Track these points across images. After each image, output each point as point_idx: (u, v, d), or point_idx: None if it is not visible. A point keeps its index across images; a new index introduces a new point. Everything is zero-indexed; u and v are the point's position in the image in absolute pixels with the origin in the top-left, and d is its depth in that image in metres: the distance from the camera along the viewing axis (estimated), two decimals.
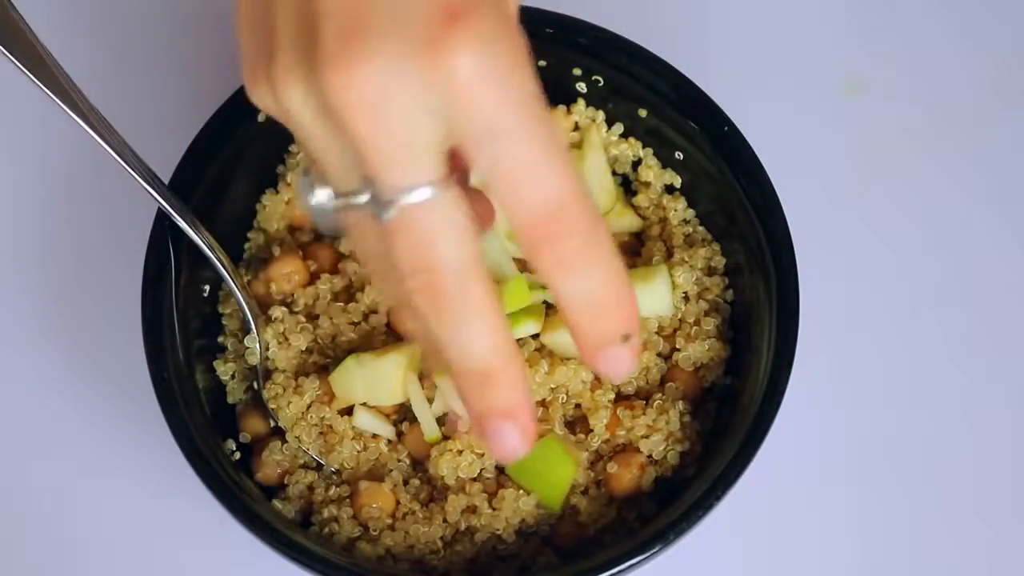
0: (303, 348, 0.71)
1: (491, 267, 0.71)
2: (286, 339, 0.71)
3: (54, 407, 0.77)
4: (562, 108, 0.75)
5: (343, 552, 0.67)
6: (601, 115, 0.76)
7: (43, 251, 0.80)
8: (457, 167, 0.46)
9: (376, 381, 0.68)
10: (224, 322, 0.73)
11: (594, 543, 0.68)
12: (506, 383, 0.48)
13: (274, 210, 0.74)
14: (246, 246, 0.75)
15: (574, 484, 0.68)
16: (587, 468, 0.69)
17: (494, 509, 0.68)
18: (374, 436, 0.70)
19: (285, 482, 0.70)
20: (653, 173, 0.75)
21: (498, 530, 0.68)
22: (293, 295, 0.72)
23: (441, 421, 0.69)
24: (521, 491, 0.68)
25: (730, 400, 0.70)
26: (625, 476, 0.68)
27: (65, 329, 0.78)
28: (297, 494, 0.70)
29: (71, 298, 0.79)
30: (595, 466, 0.69)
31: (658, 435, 0.68)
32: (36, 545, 0.74)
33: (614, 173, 0.76)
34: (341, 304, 0.72)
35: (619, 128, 0.76)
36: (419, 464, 0.70)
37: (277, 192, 0.74)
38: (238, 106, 0.71)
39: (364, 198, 0.47)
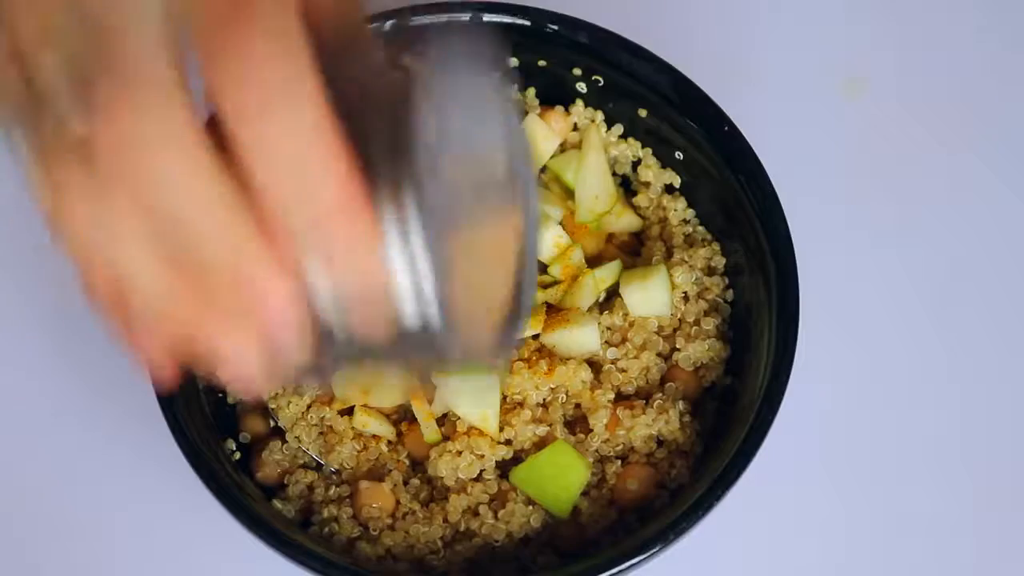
0: None
1: None
2: None
3: (53, 407, 0.76)
4: (561, 108, 0.75)
5: (343, 552, 0.67)
6: (601, 115, 0.76)
7: (43, 251, 0.80)
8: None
9: (376, 382, 0.68)
10: None
11: (594, 544, 0.68)
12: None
13: None
14: None
15: None
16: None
17: (497, 518, 0.68)
18: (374, 436, 0.70)
19: (285, 482, 0.70)
20: (653, 173, 0.75)
21: (498, 541, 0.68)
22: None
23: (441, 422, 0.69)
24: (531, 507, 0.68)
25: (730, 400, 0.70)
26: (633, 488, 0.68)
27: (64, 330, 0.78)
28: (297, 494, 0.70)
29: (71, 298, 0.79)
30: (596, 467, 0.69)
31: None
32: (36, 545, 0.74)
33: (614, 173, 0.76)
34: None
35: (619, 128, 0.76)
36: (419, 464, 0.70)
37: None
38: None
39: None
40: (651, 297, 0.70)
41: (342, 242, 0.40)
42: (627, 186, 0.77)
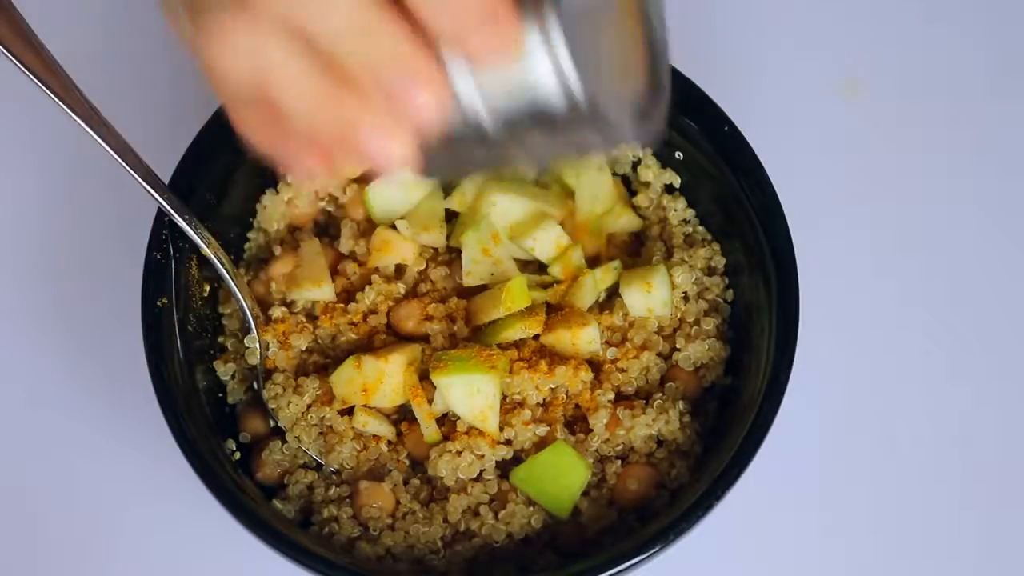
0: (303, 348, 0.71)
1: (492, 268, 0.71)
2: (286, 339, 0.71)
3: (54, 407, 0.77)
4: None
5: (343, 552, 0.67)
6: None
7: (43, 251, 0.80)
8: None
9: (376, 382, 0.68)
10: (224, 322, 0.73)
11: (594, 544, 0.68)
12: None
13: (274, 210, 0.74)
14: (246, 246, 0.75)
15: None
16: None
17: (498, 519, 0.68)
18: (374, 436, 0.70)
19: (285, 482, 0.70)
20: (653, 173, 0.75)
21: (498, 541, 0.68)
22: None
23: (441, 422, 0.69)
24: (531, 507, 0.68)
25: (730, 400, 0.70)
26: (633, 488, 0.68)
27: (65, 329, 0.78)
28: (297, 494, 0.70)
29: (71, 298, 0.79)
30: (596, 467, 0.69)
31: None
32: (36, 545, 0.74)
33: (614, 173, 0.76)
34: (341, 304, 0.72)
35: None
36: (419, 464, 0.70)
37: (277, 192, 0.74)
38: None
39: None
40: (651, 297, 0.70)
41: (487, 46, 0.42)
42: (627, 186, 0.77)
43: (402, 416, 0.70)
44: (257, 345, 0.71)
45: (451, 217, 0.74)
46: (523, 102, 0.44)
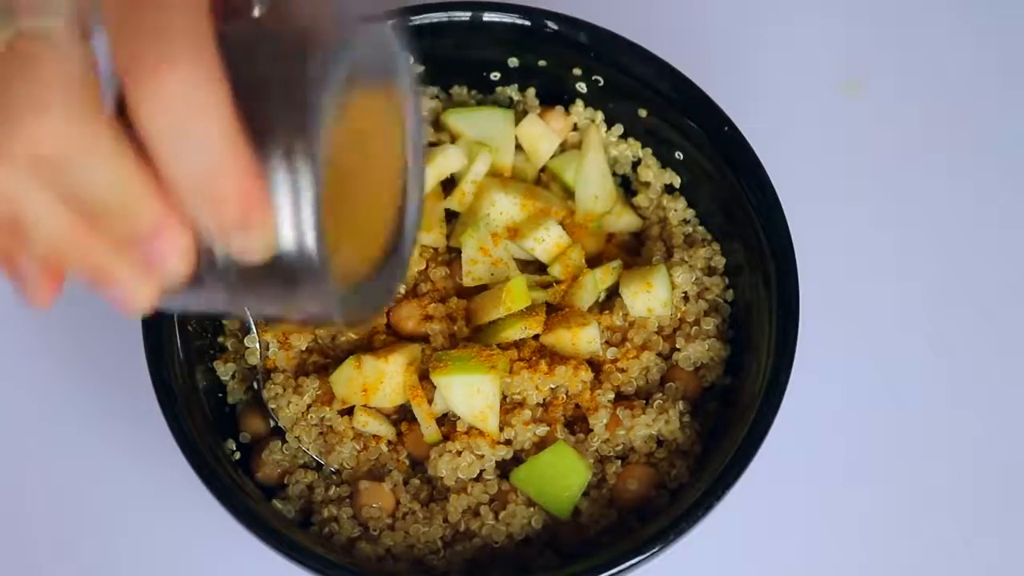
0: (303, 348, 0.71)
1: (492, 268, 0.71)
2: (286, 339, 0.71)
3: (53, 408, 0.76)
4: (561, 108, 0.75)
5: (343, 552, 0.67)
6: (601, 115, 0.76)
7: None
8: None
9: (376, 382, 0.68)
10: (224, 322, 0.73)
11: (594, 544, 0.68)
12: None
13: None
14: None
15: None
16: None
17: (498, 519, 0.68)
18: (374, 436, 0.70)
19: (285, 482, 0.70)
20: (653, 173, 0.75)
21: (498, 542, 0.68)
22: None
23: (441, 422, 0.69)
24: (532, 508, 0.68)
25: (730, 400, 0.70)
26: (633, 488, 0.68)
27: (64, 329, 0.78)
28: (297, 494, 0.70)
29: (70, 298, 0.79)
30: (596, 467, 0.69)
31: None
32: (36, 545, 0.74)
33: (614, 173, 0.76)
34: None
35: (619, 128, 0.76)
36: (419, 464, 0.70)
37: None
38: None
39: None
40: (651, 297, 0.70)
41: (229, 211, 0.42)
42: (627, 186, 0.77)
43: (402, 416, 0.70)
44: (257, 345, 0.71)
45: (451, 217, 0.74)
46: (263, 264, 0.44)
